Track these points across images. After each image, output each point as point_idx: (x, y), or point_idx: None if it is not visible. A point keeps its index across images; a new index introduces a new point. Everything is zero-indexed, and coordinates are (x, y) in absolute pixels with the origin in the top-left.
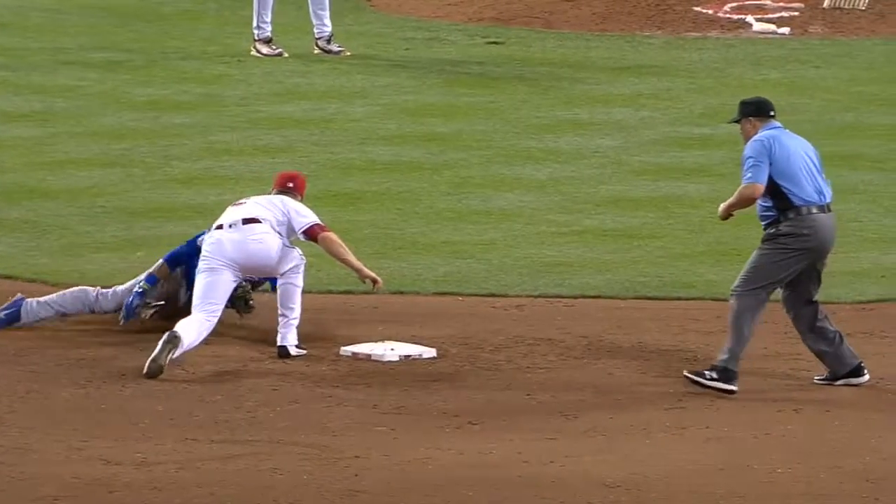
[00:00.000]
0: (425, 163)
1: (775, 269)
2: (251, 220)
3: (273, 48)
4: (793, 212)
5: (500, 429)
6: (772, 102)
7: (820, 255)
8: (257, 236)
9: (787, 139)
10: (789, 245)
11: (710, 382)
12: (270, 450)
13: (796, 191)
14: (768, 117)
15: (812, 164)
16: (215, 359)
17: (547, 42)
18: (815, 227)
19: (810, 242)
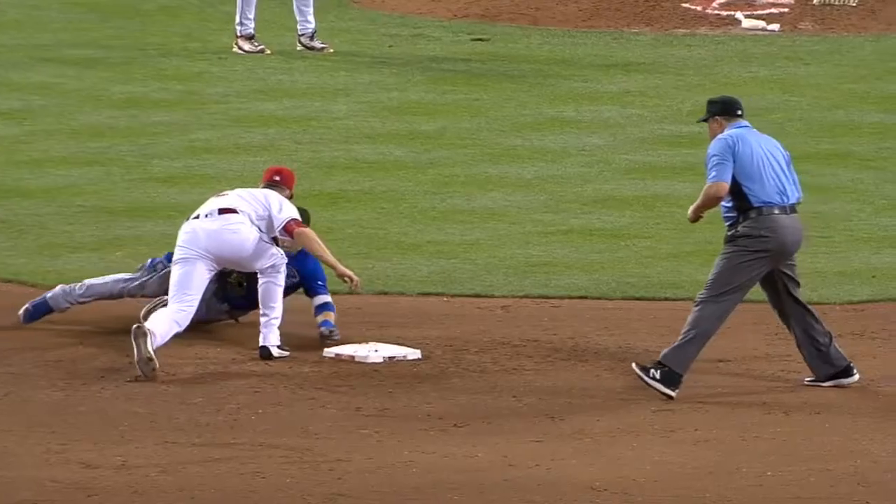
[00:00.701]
0: (409, 161)
1: (736, 272)
2: (228, 211)
3: (255, 45)
4: (752, 212)
5: (485, 431)
6: (740, 101)
7: (782, 256)
8: (232, 226)
9: (753, 138)
10: (748, 247)
11: (651, 381)
12: (252, 453)
13: (756, 191)
14: (735, 116)
15: (777, 165)
16: (196, 360)
17: (533, 39)
18: (774, 228)
19: (769, 244)
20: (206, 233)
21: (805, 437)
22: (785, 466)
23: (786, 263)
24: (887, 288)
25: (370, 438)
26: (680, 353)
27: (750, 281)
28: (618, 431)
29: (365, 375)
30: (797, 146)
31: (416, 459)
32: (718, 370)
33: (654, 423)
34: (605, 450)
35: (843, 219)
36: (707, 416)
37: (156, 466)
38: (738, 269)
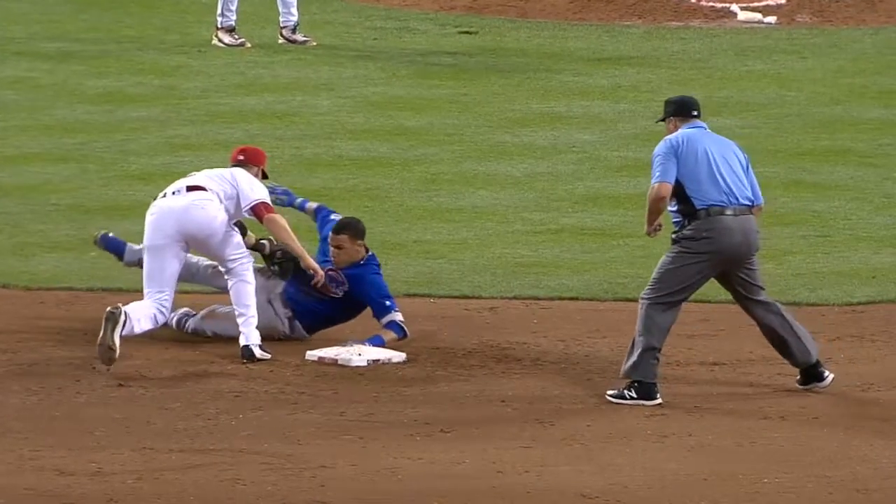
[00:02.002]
0: (394, 158)
1: (678, 274)
2: (196, 188)
3: (235, 38)
4: (696, 215)
5: (472, 437)
6: (696, 102)
7: (729, 258)
8: (199, 202)
9: (702, 139)
10: (690, 249)
11: (632, 402)
12: (232, 459)
13: (699, 193)
14: (690, 117)
15: (728, 167)
16: (174, 363)
17: (521, 32)
18: (716, 230)
19: (711, 245)
20: (173, 212)
21: (802, 442)
22: (782, 473)
23: (743, 268)
24: (887, 289)
25: (354, 444)
26: (642, 364)
27: (695, 283)
28: (609, 437)
29: (348, 379)
30: (794, 143)
31: (401, 466)
32: (713, 374)
33: (647, 429)
34: (597, 456)
35: (841, 217)
36: (701, 422)
37: (132, 473)
38: (681, 271)
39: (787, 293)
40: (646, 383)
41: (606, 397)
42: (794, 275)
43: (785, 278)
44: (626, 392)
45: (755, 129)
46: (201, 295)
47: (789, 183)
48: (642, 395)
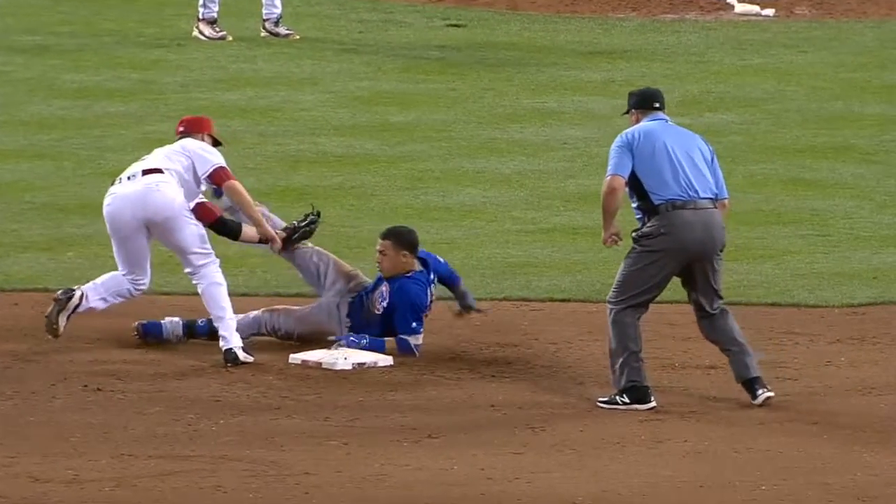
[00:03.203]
0: (380, 155)
1: (641, 276)
2: (153, 171)
3: (216, 30)
4: (654, 211)
5: (461, 443)
6: (660, 93)
7: (692, 255)
8: (155, 185)
9: (661, 133)
10: (649, 246)
11: (625, 408)
12: (213, 466)
13: (656, 188)
14: (652, 109)
15: (689, 160)
16: (153, 367)
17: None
18: (675, 226)
19: (670, 242)
20: (129, 199)
21: (801, 448)
22: (780, 480)
23: (708, 266)
24: (889, 290)
25: (339, 450)
26: (628, 370)
27: (660, 282)
28: (602, 443)
29: (333, 383)
30: (793, 139)
31: (388, 473)
32: (709, 378)
33: (641, 434)
34: (589, 462)
35: (842, 216)
36: (697, 427)
37: (110, 480)
38: (644, 272)
39: (785, 294)
40: (638, 387)
41: (598, 405)
42: (793, 275)
43: (784, 279)
44: (619, 398)
45: (753, 125)
46: None
47: (788, 181)
48: (635, 400)
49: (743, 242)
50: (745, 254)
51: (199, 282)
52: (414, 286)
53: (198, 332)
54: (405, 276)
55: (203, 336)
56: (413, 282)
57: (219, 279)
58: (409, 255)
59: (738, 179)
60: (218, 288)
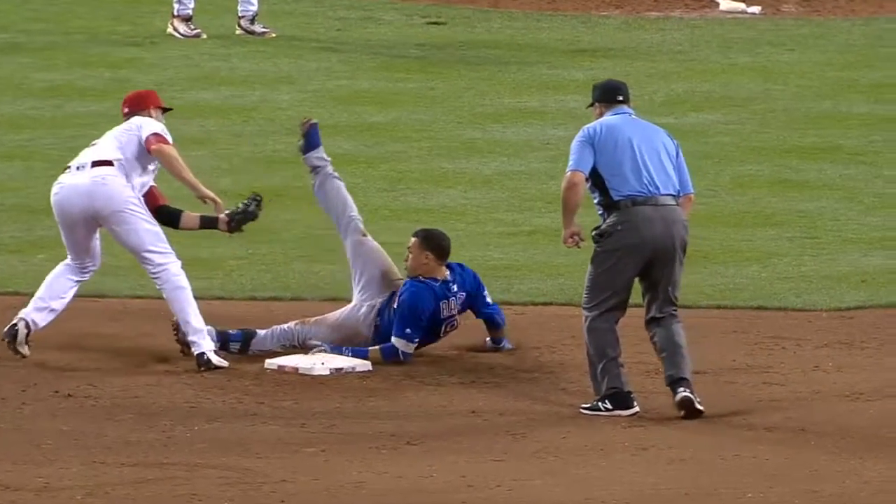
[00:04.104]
0: (359, 155)
1: (605, 276)
2: (102, 163)
3: (191, 28)
4: (613, 207)
5: (441, 450)
6: (624, 86)
7: (650, 252)
8: (101, 178)
9: (624, 127)
10: (608, 245)
11: (608, 414)
12: (187, 474)
13: (617, 184)
14: (615, 102)
15: (652, 155)
16: (126, 372)
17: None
18: (633, 222)
19: (629, 239)
20: (76, 191)
21: (789, 455)
22: (767, 488)
23: (668, 265)
24: (878, 293)
25: (316, 457)
26: (609, 377)
27: (626, 281)
28: (585, 449)
29: (310, 389)
30: (780, 139)
31: (366, 480)
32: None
33: (625, 441)
34: (572, 469)
35: (830, 218)
36: (682, 433)
37: (82, 489)
38: (608, 274)
39: (772, 298)
40: (620, 392)
41: (580, 411)
42: (780, 278)
43: (771, 282)
44: (601, 404)
45: (739, 125)
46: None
47: (775, 181)
48: (618, 405)
49: (729, 244)
50: (732, 256)
51: (162, 286)
52: (422, 292)
53: (230, 339)
54: (420, 280)
55: (236, 344)
56: (424, 287)
57: (182, 282)
58: (433, 259)
59: (725, 180)
60: (182, 292)
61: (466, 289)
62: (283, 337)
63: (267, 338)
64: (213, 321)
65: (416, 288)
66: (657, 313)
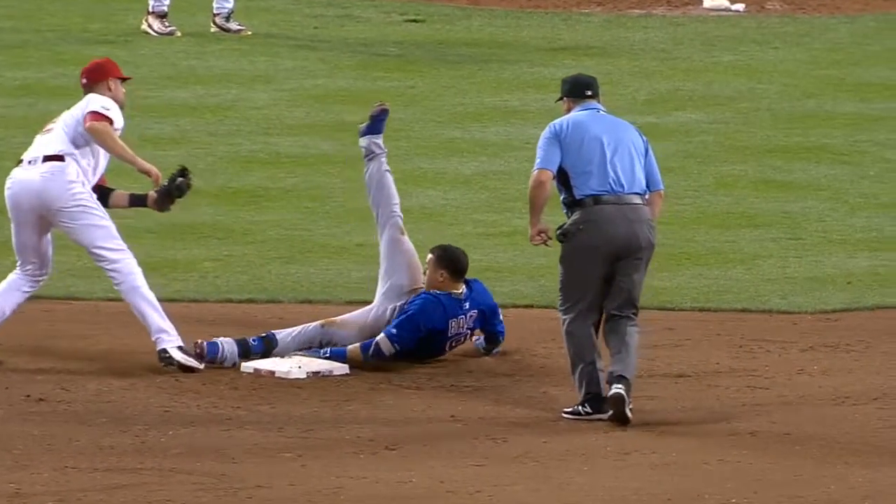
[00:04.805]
0: (336, 156)
1: (573, 276)
2: (53, 158)
3: (165, 25)
4: (577, 205)
5: (420, 454)
6: (593, 81)
7: (613, 251)
8: (49, 174)
9: (592, 123)
10: (571, 245)
11: (589, 417)
12: (161, 479)
13: (581, 182)
14: (584, 97)
15: (619, 152)
16: (99, 376)
17: (473, 20)
18: (595, 221)
19: (591, 239)
20: (25, 186)
21: (774, 460)
22: (751, 493)
23: (632, 263)
24: (863, 295)
25: (293, 462)
26: (585, 380)
27: (594, 280)
28: (567, 454)
29: (287, 393)
30: (764, 139)
31: (344, 485)
32: (677, 387)
33: (607, 446)
34: (553, 474)
35: (815, 219)
36: (665, 438)
37: (53, 495)
38: (575, 272)
39: (756, 300)
40: (598, 396)
41: (562, 415)
42: (764, 280)
43: (755, 284)
44: (581, 408)
45: (723, 125)
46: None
47: (759, 182)
48: (596, 409)
49: (713, 246)
50: (715, 258)
51: (118, 286)
52: (431, 307)
53: (252, 350)
54: (433, 295)
55: (257, 354)
56: (435, 303)
57: (136, 281)
58: (447, 277)
59: (708, 180)
60: (137, 291)
61: (481, 306)
62: (306, 340)
63: (288, 344)
64: (190, 324)
65: (427, 302)
66: (616, 311)
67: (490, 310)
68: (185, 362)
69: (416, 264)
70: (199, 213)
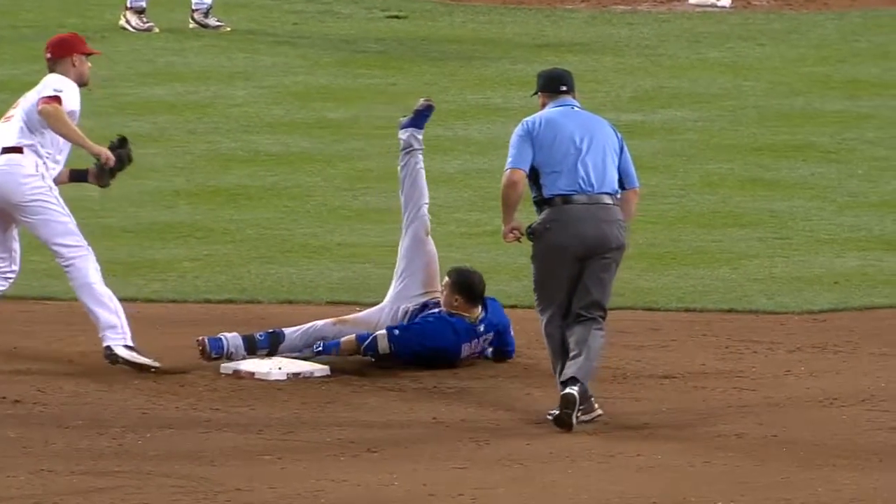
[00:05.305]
0: (317, 154)
1: (543, 274)
2: (11, 150)
3: (144, 21)
4: (546, 204)
5: (402, 457)
6: (568, 75)
7: (580, 251)
8: (6, 167)
9: (565, 120)
10: (539, 243)
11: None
12: (139, 482)
13: (551, 180)
14: (558, 93)
15: (592, 151)
16: (76, 377)
17: (455, 16)
18: (563, 221)
19: (558, 238)
20: None
21: (760, 462)
22: (738, 495)
23: (599, 263)
24: (851, 296)
25: (273, 465)
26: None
27: (563, 280)
28: (551, 457)
29: (267, 394)
30: (751, 137)
31: (324, 489)
32: (662, 388)
33: (592, 448)
34: (537, 477)
35: (802, 218)
36: (650, 440)
37: (29, 498)
38: (545, 271)
39: (743, 300)
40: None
41: (546, 417)
42: (750, 280)
43: (741, 284)
44: None
45: (709, 122)
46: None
47: (745, 180)
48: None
49: (698, 246)
50: (701, 258)
51: (71, 282)
52: (445, 331)
53: (258, 346)
54: (450, 316)
55: (263, 350)
56: (449, 327)
57: (91, 277)
58: (462, 302)
59: (694, 179)
60: (89, 287)
61: (496, 327)
62: (315, 338)
63: (296, 341)
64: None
65: (439, 324)
66: (582, 312)
67: (503, 327)
68: (134, 360)
69: (433, 270)
70: (178, 212)
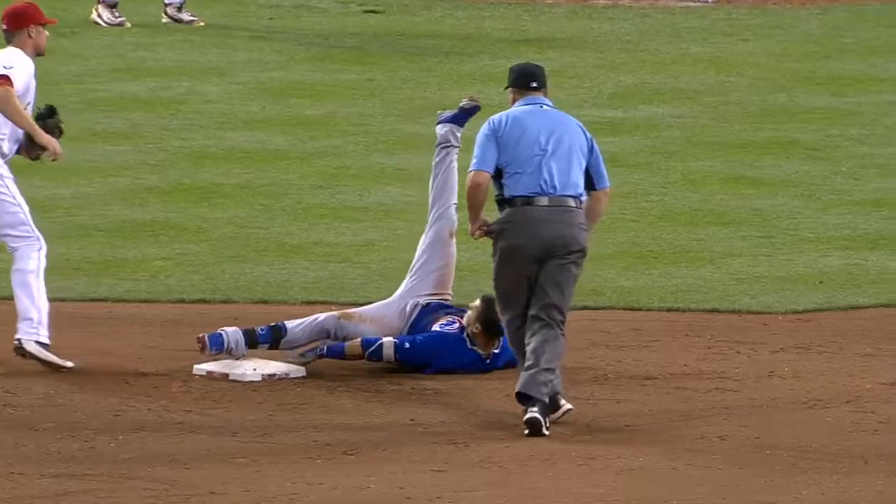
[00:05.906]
0: (292, 151)
1: (501, 276)
2: None
3: (115, 15)
4: (507, 204)
5: (379, 460)
6: (539, 71)
7: (537, 253)
8: None
9: (532, 119)
10: (497, 243)
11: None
12: (111, 485)
13: (513, 181)
14: (529, 89)
15: (558, 151)
16: (47, 379)
17: (434, 11)
18: (521, 222)
19: (515, 239)
20: None
21: (743, 465)
22: (720, 498)
23: (557, 264)
24: (836, 295)
25: (248, 468)
26: None
27: (520, 282)
28: (530, 459)
29: (242, 396)
30: (734, 134)
31: (300, 492)
32: (644, 389)
33: (572, 450)
34: (517, 480)
35: (786, 216)
36: (631, 443)
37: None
38: (502, 272)
39: (726, 300)
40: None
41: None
42: (733, 280)
43: (724, 283)
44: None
45: (691, 119)
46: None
47: (728, 178)
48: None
49: (680, 244)
50: (683, 257)
51: (14, 263)
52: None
53: (259, 340)
54: (461, 338)
55: (265, 345)
56: (460, 354)
57: (30, 266)
58: (481, 332)
59: (676, 177)
60: (24, 275)
61: (504, 363)
62: (318, 331)
63: (298, 335)
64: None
65: (454, 349)
66: (539, 314)
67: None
68: (43, 357)
69: (448, 273)
70: (151, 210)
